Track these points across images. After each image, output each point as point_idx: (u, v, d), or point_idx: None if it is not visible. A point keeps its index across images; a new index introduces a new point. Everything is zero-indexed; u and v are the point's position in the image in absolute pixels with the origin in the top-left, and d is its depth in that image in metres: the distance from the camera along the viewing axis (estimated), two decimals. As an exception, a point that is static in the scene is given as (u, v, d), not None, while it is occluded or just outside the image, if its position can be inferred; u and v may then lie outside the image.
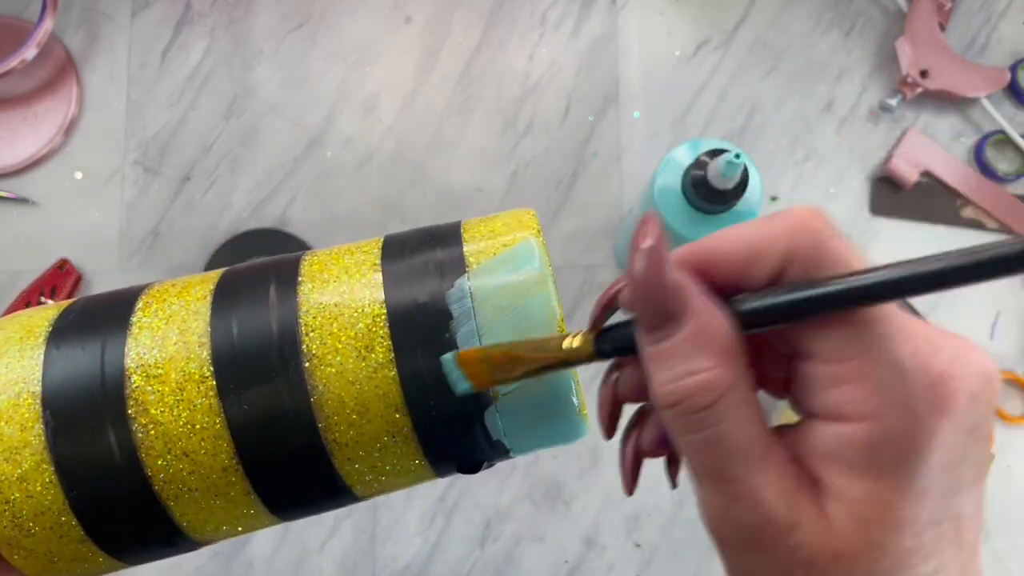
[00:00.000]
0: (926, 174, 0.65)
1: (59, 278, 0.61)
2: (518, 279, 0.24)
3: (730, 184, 0.46)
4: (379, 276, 0.25)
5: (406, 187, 0.64)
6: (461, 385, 0.23)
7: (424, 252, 0.25)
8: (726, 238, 0.21)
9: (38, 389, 0.24)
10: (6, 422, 0.23)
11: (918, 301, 0.63)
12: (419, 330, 0.24)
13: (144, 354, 0.24)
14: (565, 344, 0.22)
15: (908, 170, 0.63)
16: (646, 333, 0.20)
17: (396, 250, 0.26)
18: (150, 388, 0.24)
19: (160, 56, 0.65)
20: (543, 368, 0.22)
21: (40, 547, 0.24)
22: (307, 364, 0.24)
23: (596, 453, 0.61)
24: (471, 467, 0.25)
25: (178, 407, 0.23)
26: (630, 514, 0.61)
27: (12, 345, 0.25)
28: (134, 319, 0.25)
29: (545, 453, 0.61)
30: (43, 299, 0.60)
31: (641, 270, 0.19)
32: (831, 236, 0.20)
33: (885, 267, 0.18)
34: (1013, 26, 0.67)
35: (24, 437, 0.23)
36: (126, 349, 0.24)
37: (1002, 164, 0.65)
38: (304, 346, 0.24)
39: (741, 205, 0.48)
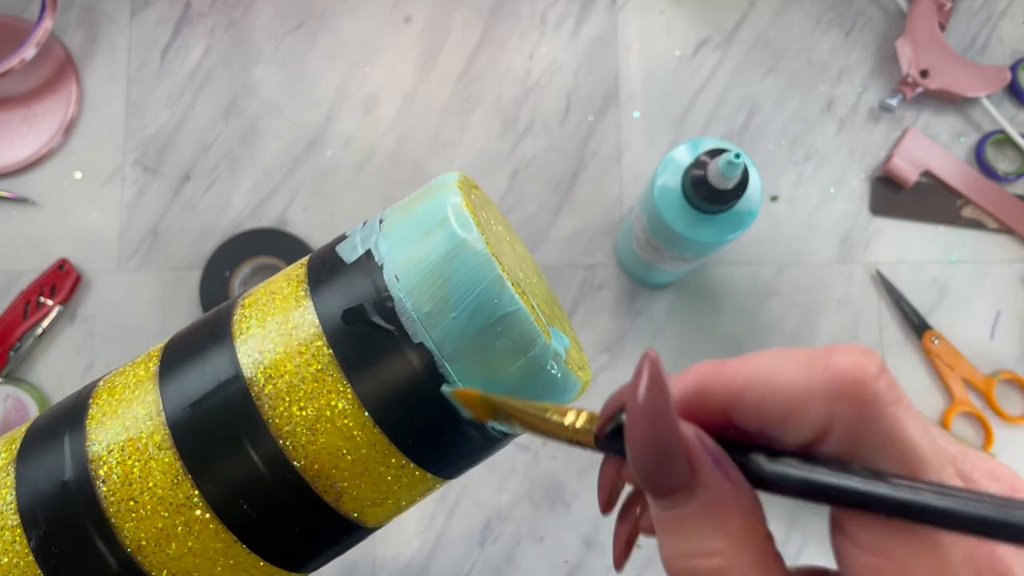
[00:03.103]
0: (926, 174, 0.65)
1: (58, 278, 0.61)
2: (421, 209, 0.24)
3: (730, 184, 0.46)
4: (309, 304, 0.24)
5: (406, 187, 0.64)
6: (466, 414, 0.23)
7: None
8: (760, 382, 0.17)
9: (16, 515, 0.23)
10: None
11: (918, 301, 0.63)
12: (365, 348, 0.23)
13: (106, 456, 0.23)
14: (568, 422, 0.20)
15: (908, 170, 0.63)
16: (650, 492, 0.17)
17: (318, 273, 0.25)
18: (122, 492, 0.23)
19: (160, 56, 0.65)
20: (542, 433, 0.21)
21: None
22: (267, 416, 0.23)
23: (596, 453, 0.61)
24: (353, 314, 0.24)
25: (152, 502, 0.23)
26: (630, 514, 0.60)
27: None
28: (87, 421, 0.25)
29: (545, 453, 0.61)
30: (42, 299, 0.60)
31: (642, 429, 0.16)
32: (889, 404, 0.16)
33: (952, 491, 0.15)
34: (1013, 26, 0.67)
35: (9, 561, 0.23)
36: (87, 446, 0.24)
37: (1002, 164, 0.65)
38: (256, 398, 0.23)
39: (741, 205, 0.48)
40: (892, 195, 0.64)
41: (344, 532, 0.25)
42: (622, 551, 0.22)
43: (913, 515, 0.15)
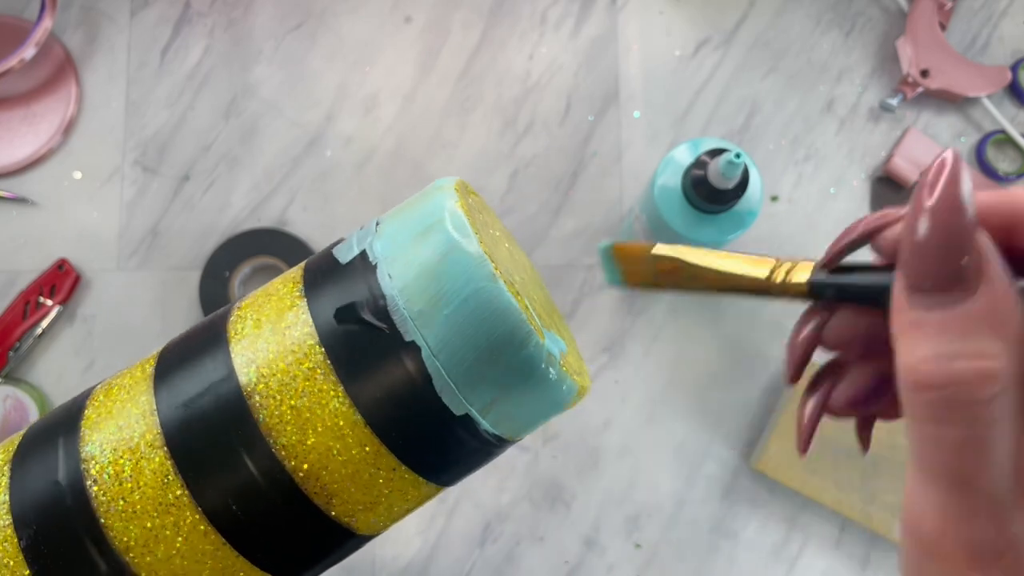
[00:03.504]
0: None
1: (58, 278, 0.61)
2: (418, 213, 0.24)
3: (730, 184, 0.46)
4: (303, 304, 0.24)
5: (406, 187, 0.64)
6: (613, 279, 0.21)
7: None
8: None
9: (7, 515, 0.23)
10: None
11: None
12: (357, 347, 0.23)
13: (99, 455, 0.23)
14: (775, 275, 0.18)
15: (909, 170, 0.63)
16: (915, 292, 0.16)
17: (314, 275, 0.25)
18: (113, 491, 0.23)
19: (159, 56, 0.65)
20: (729, 290, 0.19)
21: None
22: (258, 416, 0.23)
23: (596, 453, 0.61)
24: (348, 311, 0.24)
25: (142, 502, 0.23)
26: (630, 514, 0.60)
27: None
28: (82, 422, 0.25)
29: (545, 453, 0.61)
30: (42, 299, 0.60)
31: (938, 211, 0.16)
32: None
33: None
34: (1014, 25, 0.67)
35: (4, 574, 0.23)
36: (81, 455, 0.24)
37: (1003, 164, 0.65)
38: (251, 407, 0.23)
39: (741, 205, 0.48)
40: (892, 195, 0.64)
41: (335, 537, 0.24)
42: (810, 431, 0.20)
43: None
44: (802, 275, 0.18)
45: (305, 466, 0.23)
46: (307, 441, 0.23)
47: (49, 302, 0.60)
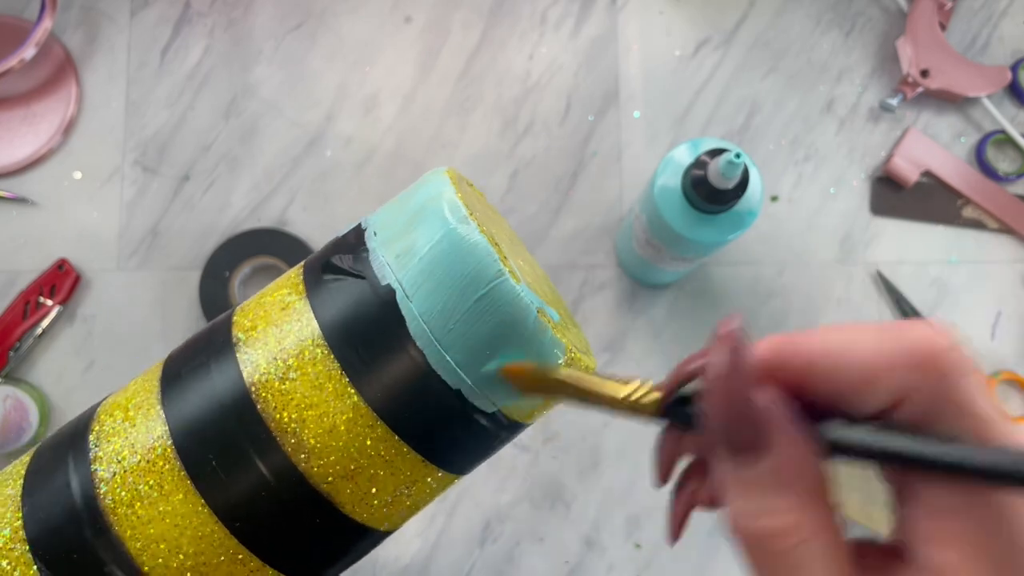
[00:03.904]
0: (927, 174, 0.65)
1: (58, 278, 0.61)
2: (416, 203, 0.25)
3: (730, 184, 0.46)
4: (305, 301, 0.24)
5: (406, 187, 0.64)
6: (507, 396, 0.23)
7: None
8: (836, 352, 0.18)
9: (24, 544, 0.23)
10: None
11: (919, 301, 0.63)
12: (361, 344, 0.23)
13: (107, 468, 0.23)
14: (625, 394, 0.20)
15: (909, 170, 0.63)
16: (723, 452, 0.18)
17: (313, 273, 0.25)
18: (127, 505, 0.23)
19: (159, 56, 0.65)
20: (595, 404, 0.21)
21: None
22: (268, 418, 0.23)
23: (596, 453, 0.61)
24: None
25: (160, 514, 0.23)
26: (630, 514, 0.60)
27: None
28: (90, 437, 0.24)
29: (545, 453, 0.61)
30: (42, 299, 0.60)
31: (721, 389, 0.17)
32: (961, 376, 0.17)
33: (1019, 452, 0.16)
34: (1014, 25, 0.67)
35: None
36: (92, 472, 0.24)
37: (1003, 164, 0.65)
38: (261, 409, 0.23)
39: (741, 205, 0.48)
40: (892, 195, 0.64)
41: (350, 535, 0.24)
42: (679, 523, 0.22)
43: (995, 478, 0.16)
44: (650, 399, 0.20)
45: (317, 464, 0.23)
46: (318, 438, 0.23)
47: (49, 302, 0.60)
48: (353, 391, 0.23)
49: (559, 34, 0.66)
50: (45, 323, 0.60)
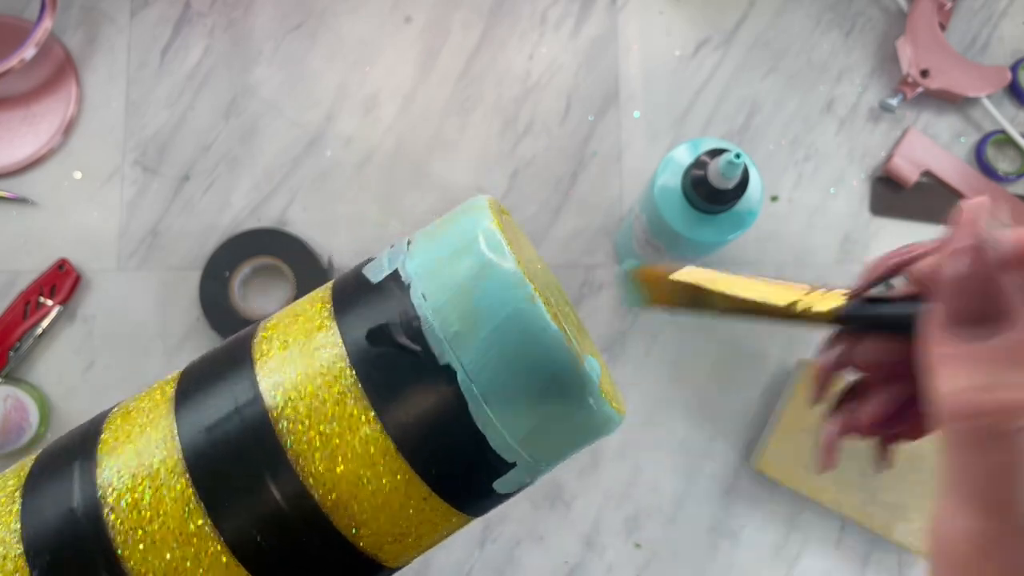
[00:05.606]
0: (926, 174, 0.65)
1: (58, 278, 0.61)
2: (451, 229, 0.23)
3: (730, 184, 0.46)
4: (333, 325, 0.23)
5: (406, 187, 0.64)
6: (633, 301, 0.20)
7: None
8: None
9: (20, 544, 0.22)
10: None
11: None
12: (390, 370, 0.22)
13: (116, 482, 0.22)
14: (801, 302, 0.19)
15: (909, 170, 0.63)
16: (951, 326, 0.17)
17: (343, 295, 0.24)
18: (131, 520, 0.22)
19: (159, 56, 0.65)
20: (751, 314, 0.19)
21: None
22: (285, 441, 0.22)
23: (596, 454, 0.61)
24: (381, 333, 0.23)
25: (162, 532, 0.22)
26: (630, 514, 0.60)
27: None
28: (98, 446, 0.23)
29: (545, 453, 0.61)
30: (42, 299, 0.60)
31: (970, 260, 0.17)
32: None
33: None
34: (1014, 26, 0.67)
35: None
36: (97, 482, 0.22)
37: (1003, 164, 0.65)
38: (281, 439, 0.22)
39: (741, 205, 0.48)
40: (892, 195, 0.64)
41: (362, 571, 0.23)
42: (832, 448, 0.21)
43: None
44: (827, 304, 0.19)
45: (333, 495, 0.22)
46: (336, 468, 0.22)
47: (49, 302, 0.60)
48: (378, 423, 0.22)
49: (559, 34, 0.66)
50: (45, 323, 0.60)
